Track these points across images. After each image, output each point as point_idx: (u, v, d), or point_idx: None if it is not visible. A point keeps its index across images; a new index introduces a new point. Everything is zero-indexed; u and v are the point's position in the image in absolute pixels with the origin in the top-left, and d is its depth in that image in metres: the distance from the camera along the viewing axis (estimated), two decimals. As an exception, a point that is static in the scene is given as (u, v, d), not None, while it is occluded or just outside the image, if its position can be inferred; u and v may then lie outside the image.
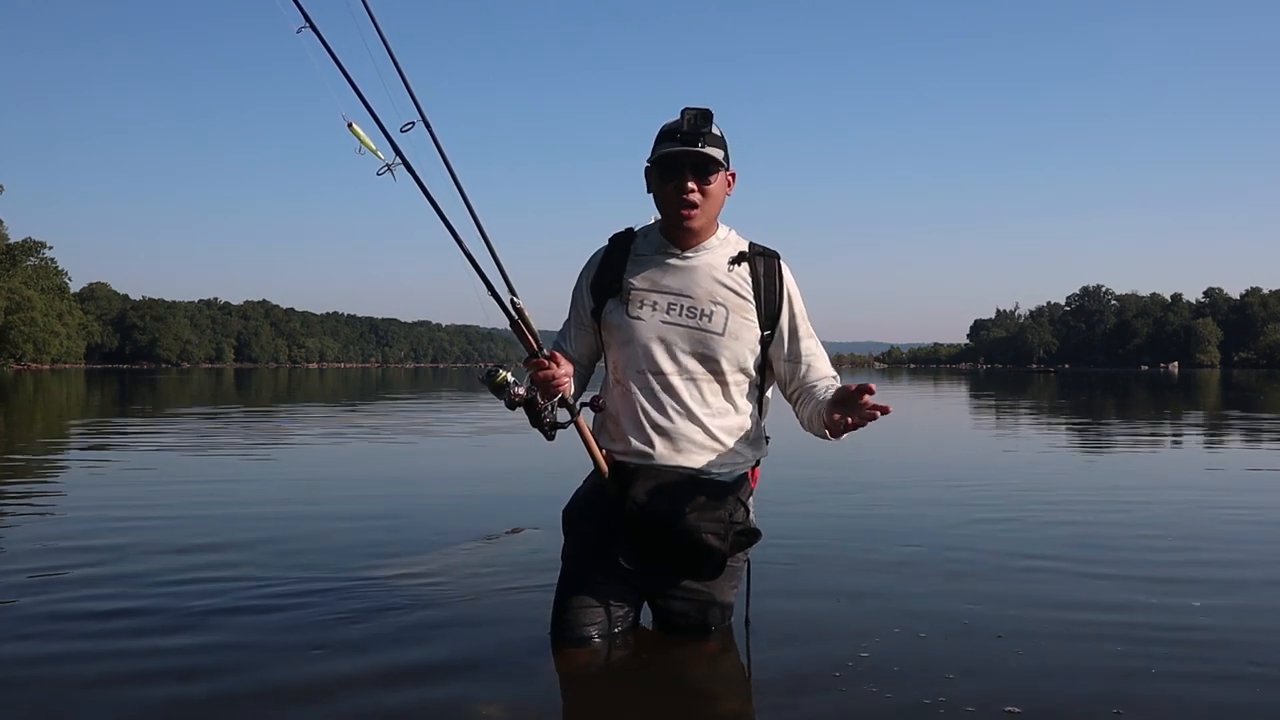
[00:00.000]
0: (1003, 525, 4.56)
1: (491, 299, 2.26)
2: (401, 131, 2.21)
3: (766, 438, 2.55)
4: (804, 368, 2.47)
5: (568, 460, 2.83)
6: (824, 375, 2.45)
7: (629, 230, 2.54)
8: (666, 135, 2.35)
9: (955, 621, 2.78)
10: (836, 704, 2.15)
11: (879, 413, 2.13)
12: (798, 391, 2.47)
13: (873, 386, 2.11)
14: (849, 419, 2.18)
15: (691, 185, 2.33)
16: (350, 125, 2.16)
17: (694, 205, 2.35)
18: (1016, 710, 2.09)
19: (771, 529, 2.70)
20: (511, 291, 2.28)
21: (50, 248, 79.90)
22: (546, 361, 2.25)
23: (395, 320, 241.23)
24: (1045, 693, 2.22)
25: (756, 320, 2.42)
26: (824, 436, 2.32)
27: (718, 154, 2.34)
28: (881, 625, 2.73)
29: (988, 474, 6.93)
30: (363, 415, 13.85)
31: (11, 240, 77.05)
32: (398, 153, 2.19)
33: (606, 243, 2.54)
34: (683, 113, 2.33)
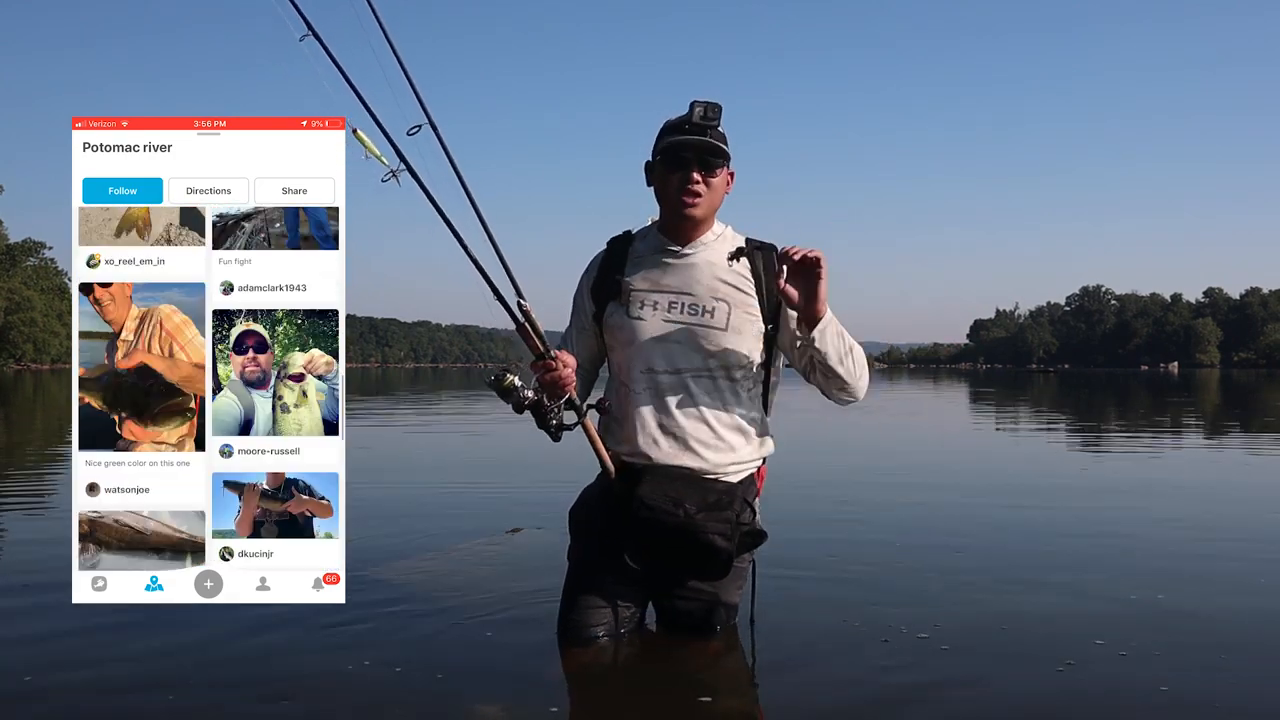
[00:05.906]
0: (1015, 528, 4.54)
1: (499, 303, 2.24)
2: (408, 135, 2.18)
3: (772, 437, 2.53)
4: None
5: (569, 461, 2.81)
6: None
7: (626, 233, 2.54)
8: (673, 128, 2.36)
9: (960, 620, 2.76)
10: (841, 704, 2.14)
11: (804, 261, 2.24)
12: (812, 363, 2.40)
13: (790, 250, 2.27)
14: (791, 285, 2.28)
15: (697, 176, 2.34)
16: (355, 132, 2.12)
17: (698, 195, 2.35)
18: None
19: (774, 530, 2.68)
20: (519, 294, 2.26)
21: (50, 248, 79.83)
22: (554, 363, 2.24)
23: (395, 320, 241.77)
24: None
25: (760, 315, 2.41)
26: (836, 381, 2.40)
27: (723, 147, 2.35)
28: (884, 625, 2.70)
29: (987, 475, 6.92)
30: (362, 413, 13.84)
31: (11, 240, 77.04)
32: (402, 159, 2.16)
33: (604, 247, 2.54)
34: (692, 105, 2.33)
